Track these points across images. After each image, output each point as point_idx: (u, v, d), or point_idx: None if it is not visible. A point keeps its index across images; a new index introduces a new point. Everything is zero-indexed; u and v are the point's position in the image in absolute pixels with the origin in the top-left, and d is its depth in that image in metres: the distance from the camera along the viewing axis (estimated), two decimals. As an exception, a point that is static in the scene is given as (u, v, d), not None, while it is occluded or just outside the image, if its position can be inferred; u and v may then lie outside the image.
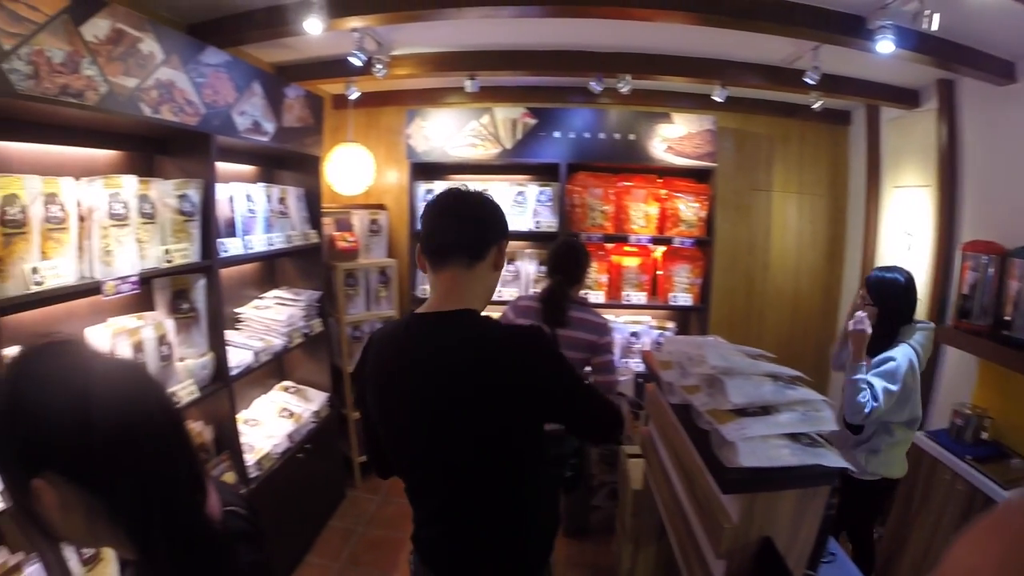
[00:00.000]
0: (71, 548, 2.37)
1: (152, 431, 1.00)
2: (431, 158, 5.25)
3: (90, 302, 2.90)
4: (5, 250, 2.20)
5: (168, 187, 3.00)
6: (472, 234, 1.78)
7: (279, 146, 3.92)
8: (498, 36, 4.18)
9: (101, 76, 2.49)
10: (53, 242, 2.40)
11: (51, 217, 2.39)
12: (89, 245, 2.59)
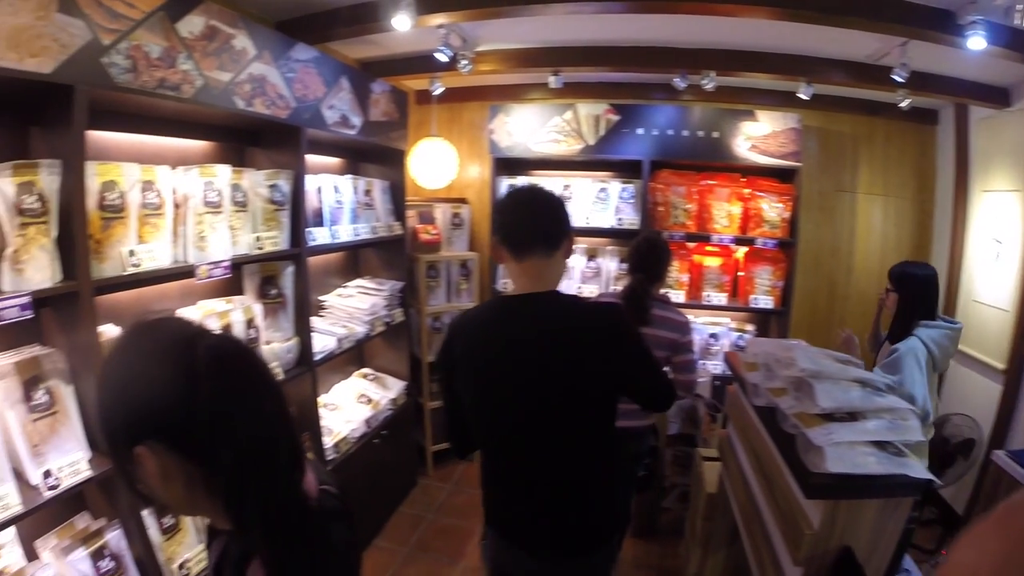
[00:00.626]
0: (156, 516, 2.52)
1: (254, 407, 1.03)
2: (514, 153, 5.28)
3: (181, 285, 3.04)
4: (104, 233, 2.34)
5: (260, 177, 3.13)
6: (549, 228, 2.00)
7: (365, 139, 4.03)
8: (582, 32, 4.18)
9: (197, 70, 2.61)
10: (149, 227, 2.54)
11: (148, 203, 2.52)
12: (184, 231, 2.73)
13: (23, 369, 2.13)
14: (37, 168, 2.07)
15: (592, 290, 5.11)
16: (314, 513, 1.10)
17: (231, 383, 1.01)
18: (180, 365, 0.99)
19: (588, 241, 5.41)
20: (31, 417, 2.12)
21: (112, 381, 1.05)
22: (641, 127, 5.00)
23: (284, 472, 1.05)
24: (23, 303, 1.96)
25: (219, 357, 1.02)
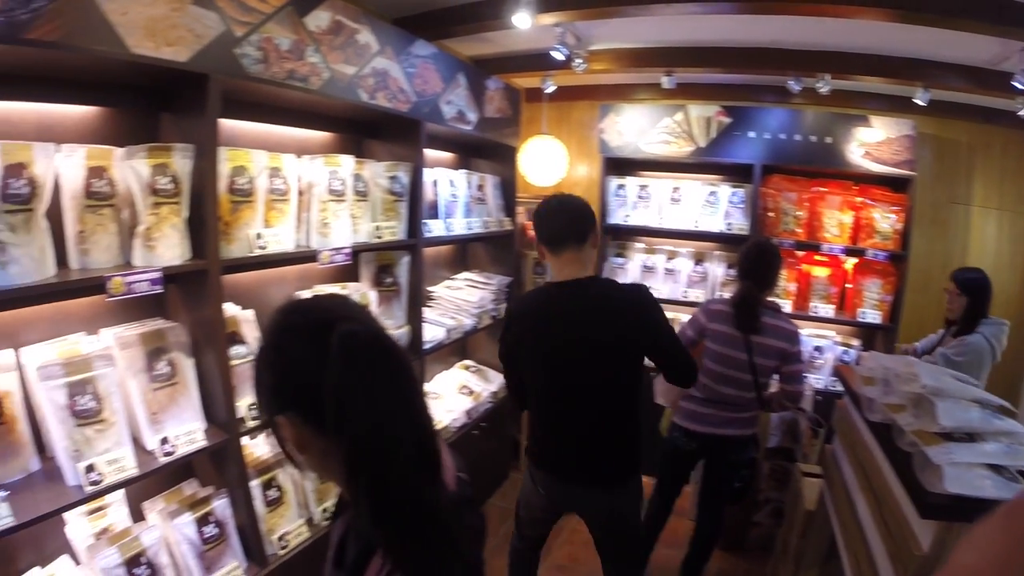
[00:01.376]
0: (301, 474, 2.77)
1: (375, 396, 1.04)
2: (624, 153, 5.24)
3: (300, 269, 3.18)
4: (232, 216, 2.47)
5: (380, 168, 3.24)
6: (577, 226, 2.50)
7: (481, 135, 4.11)
8: (695, 32, 4.14)
9: (324, 63, 2.71)
10: (275, 212, 2.67)
11: (275, 189, 2.66)
12: (307, 217, 2.86)
13: (147, 340, 2.27)
14: (171, 151, 2.20)
15: (698, 294, 5.04)
16: (446, 507, 1.10)
17: (357, 369, 1.03)
18: (316, 344, 1.04)
19: (696, 245, 5.34)
20: (152, 386, 2.26)
21: (264, 352, 1.14)
22: (753, 130, 4.89)
23: (404, 467, 1.04)
24: (154, 278, 2.09)
25: (351, 342, 1.05)
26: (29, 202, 1.87)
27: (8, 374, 2.04)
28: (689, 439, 3.37)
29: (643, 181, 5.34)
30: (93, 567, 2.15)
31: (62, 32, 1.79)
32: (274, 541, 2.63)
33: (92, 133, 2.30)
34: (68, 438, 2.01)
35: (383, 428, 1.03)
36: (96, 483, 2.00)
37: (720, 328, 3.21)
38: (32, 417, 2.12)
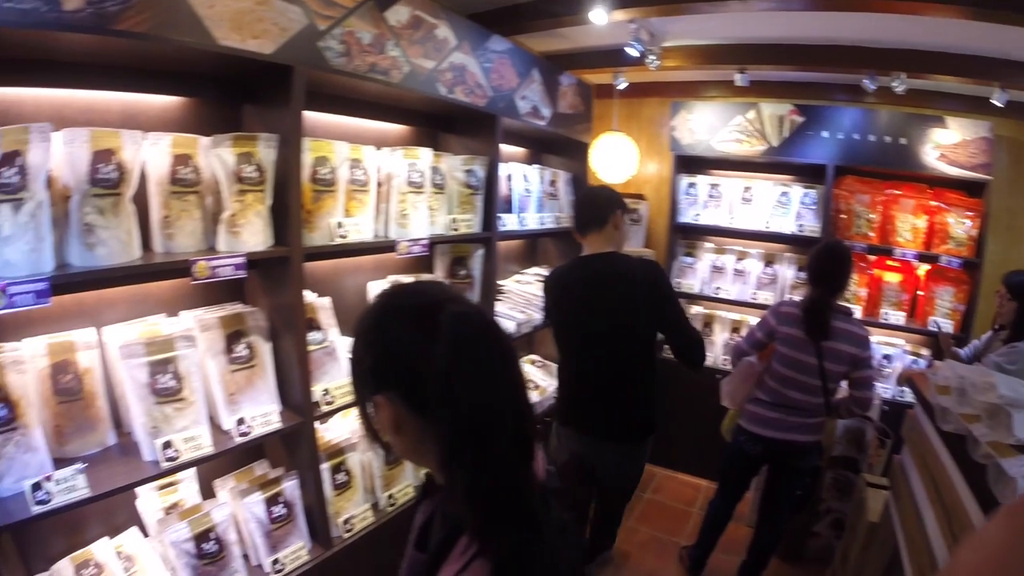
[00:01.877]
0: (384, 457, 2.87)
1: (481, 380, 1.04)
2: (695, 151, 5.15)
3: (375, 259, 3.24)
4: (314, 205, 2.54)
5: (457, 162, 3.28)
6: (599, 212, 2.93)
7: (554, 131, 4.11)
8: (769, 29, 4.04)
9: (404, 57, 2.76)
10: (356, 202, 2.73)
11: (355, 179, 2.71)
12: (386, 208, 2.91)
13: (227, 323, 2.35)
14: (256, 140, 2.27)
15: (767, 297, 4.94)
16: (537, 495, 1.10)
17: (464, 352, 1.04)
18: (423, 325, 1.05)
19: (765, 246, 5.22)
20: (230, 368, 2.33)
21: (365, 331, 1.16)
22: (826, 130, 4.74)
23: (504, 450, 1.04)
24: (237, 263, 2.16)
25: (460, 324, 1.06)
26: (117, 187, 1.95)
27: (90, 352, 2.13)
28: (754, 443, 3.34)
29: (714, 180, 5.25)
30: (162, 540, 2.23)
31: (150, 24, 1.86)
32: (339, 524, 2.68)
33: (175, 122, 2.38)
34: (147, 415, 2.08)
35: (489, 410, 1.03)
36: (172, 459, 2.07)
37: (790, 332, 3.17)
38: (111, 394, 2.21)
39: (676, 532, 4.40)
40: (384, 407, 1.10)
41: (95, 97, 2.17)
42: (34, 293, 1.71)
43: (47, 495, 1.80)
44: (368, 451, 2.88)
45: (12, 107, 1.99)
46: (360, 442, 2.86)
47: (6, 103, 1.98)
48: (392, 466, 2.98)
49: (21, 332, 2.07)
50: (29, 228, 1.76)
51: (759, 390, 3.33)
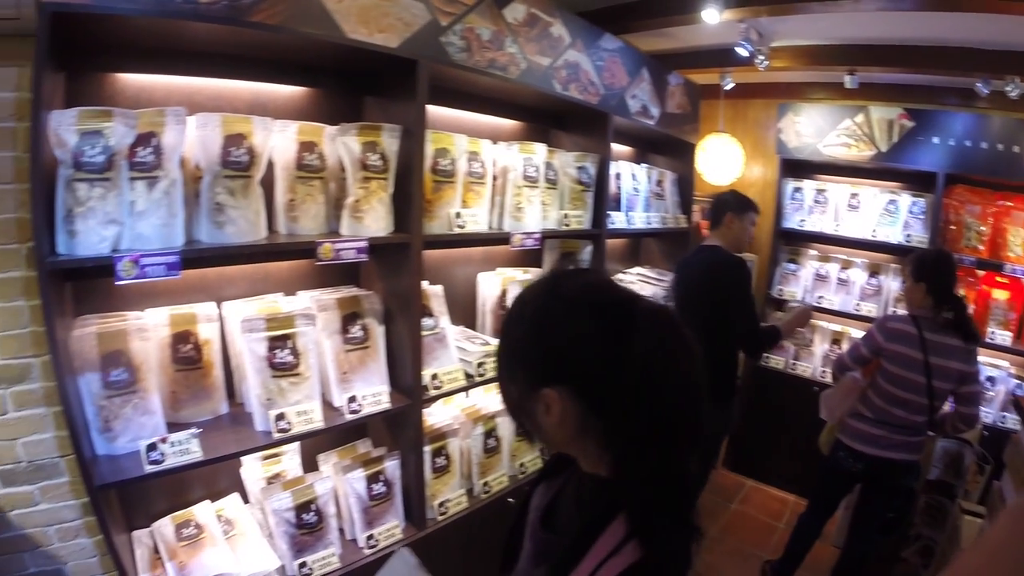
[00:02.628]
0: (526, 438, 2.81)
1: (681, 378, 1.02)
2: (802, 155, 5.05)
3: (485, 251, 3.32)
4: (434, 195, 2.62)
5: (569, 158, 3.31)
6: (715, 213, 3.60)
7: (662, 130, 4.10)
8: (878, 29, 3.93)
9: (521, 54, 2.81)
10: (473, 194, 2.80)
11: (473, 172, 2.79)
12: (500, 200, 2.97)
13: (344, 305, 2.45)
14: (380, 130, 2.36)
15: (870, 308, 4.79)
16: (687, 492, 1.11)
17: (666, 350, 1.01)
18: (617, 321, 1.02)
19: (870, 256, 5.03)
20: (345, 348, 2.43)
21: (538, 319, 1.09)
22: (936, 135, 4.52)
23: (683, 446, 1.04)
24: (360, 247, 2.26)
25: (658, 322, 1.04)
26: (247, 169, 2.06)
27: (210, 324, 2.27)
28: (854, 459, 3.27)
29: (820, 185, 5.12)
30: (265, 507, 2.34)
31: (283, 16, 1.97)
32: (435, 507, 2.75)
33: (299, 111, 2.50)
34: (263, 387, 2.19)
35: (682, 408, 1.03)
36: (284, 431, 2.17)
37: (899, 349, 3.09)
38: (226, 365, 2.35)
39: (761, 545, 4.34)
40: (552, 401, 1.04)
41: (224, 85, 2.31)
42: (165, 265, 1.83)
43: (161, 456, 1.93)
44: (468, 438, 2.95)
45: (144, 92, 2.14)
46: (461, 428, 2.93)
47: (140, 89, 2.13)
48: (489, 455, 3.03)
49: (145, 302, 2.22)
50: (162, 205, 1.89)
51: (862, 405, 3.26)
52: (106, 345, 1.99)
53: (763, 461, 5.17)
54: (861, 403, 3.27)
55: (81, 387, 1.94)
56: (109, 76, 2.09)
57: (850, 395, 3.30)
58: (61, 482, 2.32)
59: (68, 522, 2.37)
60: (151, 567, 2.20)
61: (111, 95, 2.09)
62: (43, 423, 2.25)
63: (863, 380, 3.27)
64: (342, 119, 2.41)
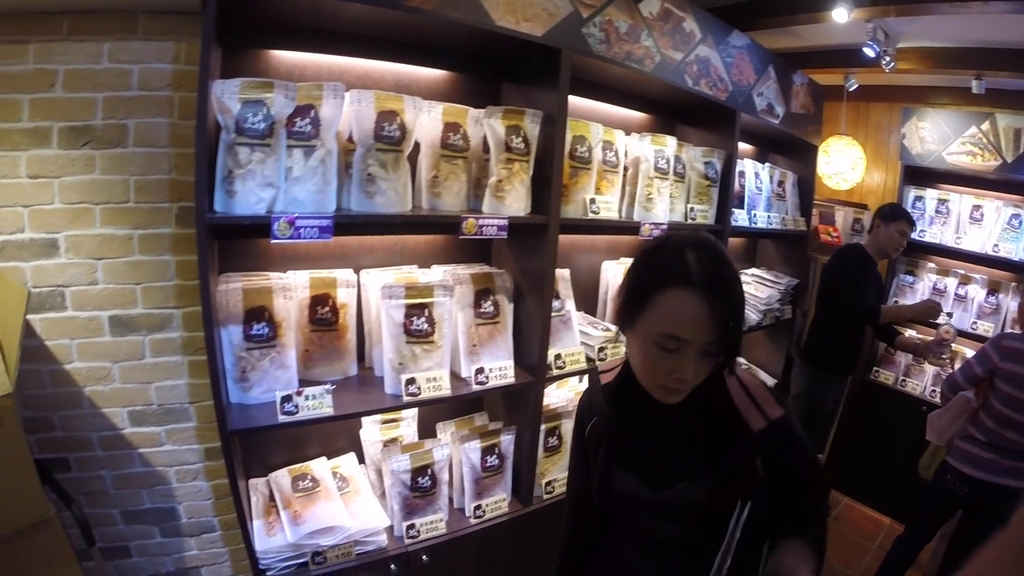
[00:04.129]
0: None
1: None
2: (924, 162, 4.88)
3: (609, 240, 3.39)
4: (571, 180, 2.69)
5: (697, 152, 3.33)
6: (872, 220, 4.05)
7: (786, 130, 4.06)
8: (1008, 32, 3.76)
9: (656, 47, 2.86)
10: (606, 182, 2.87)
11: (607, 160, 2.86)
12: (631, 191, 3.03)
13: (478, 280, 2.55)
14: (523, 115, 2.45)
15: (987, 327, 4.61)
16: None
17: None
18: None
19: (990, 272, 4.80)
20: (476, 321, 2.53)
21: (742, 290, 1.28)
22: None
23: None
24: (501, 224, 2.36)
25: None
26: (399, 144, 2.17)
27: (349, 289, 2.40)
28: (962, 483, 3.15)
29: (943, 195, 4.94)
30: (382, 468, 2.47)
31: (436, 2, 2.08)
32: (542, 485, 2.83)
33: (440, 94, 2.60)
34: (397, 352, 2.30)
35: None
36: (413, 395, 2.28)
37: (1014, 368, 2.98)
38: (359, 330, 2.49)
39: (851, 565, 4.25)
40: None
41: (371, 65, 2.44)
42: (318, 228, 1.96)
43: (295, 407, 2.06)
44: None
45: (296, 69, 2.29)
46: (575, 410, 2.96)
47: (292, 65, 2.29)
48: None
49: (286, 265, 2.37)
50: (317, 172, 2.02)
51: (972, 427, 3.15)
52: (251, 300, 2.14)
53: (862, 479, 5.05)
54: (972, 425, 3.15)
55: (223, 338, 2.09)
56: (263, 52, 2.24)
57: (960, 416, 3.19)
58: (187, 427, 2.52)
59: (189, 464, 2.57)
60: (265, 514, 2.36)
61: (265, 70, 2.24)
62: (178, 370, 2.45)
63: (975, 400, 3.17)
64: (480, 103, 2.50)
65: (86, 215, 2.23)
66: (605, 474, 1.45)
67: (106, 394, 2.38)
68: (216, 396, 1.95)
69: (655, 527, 1.37)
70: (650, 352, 1.25)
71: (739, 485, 1.31)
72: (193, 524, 2.66)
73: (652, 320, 1.23)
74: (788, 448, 1.35)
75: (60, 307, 2.26)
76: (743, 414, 1.33)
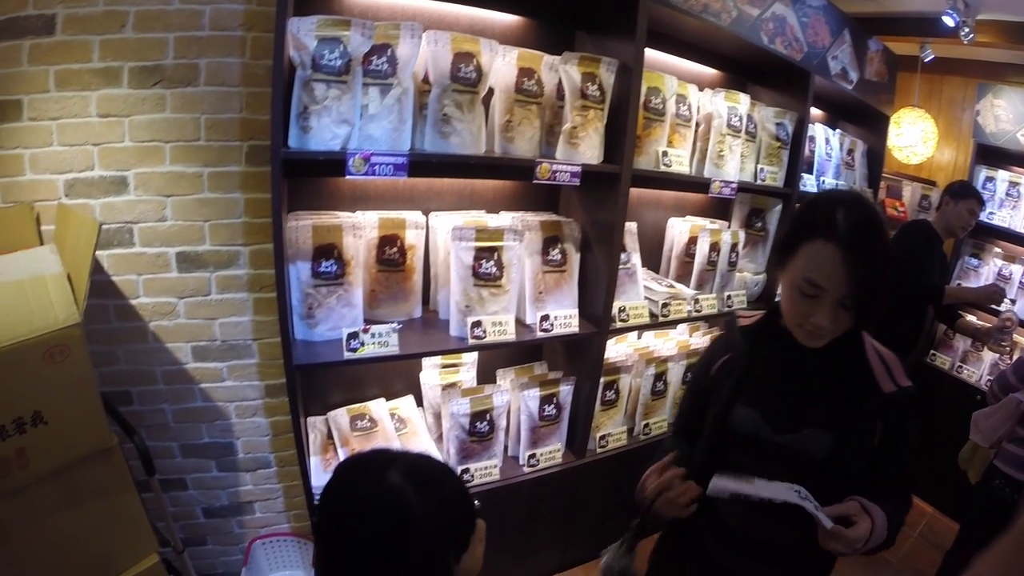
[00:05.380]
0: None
1: None
2: (998, 142, 4.60)
3: (676, 197, 3.35)
4: (644, 131, 2.66)
5: (769, 113, 3.27)
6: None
7: (859, 97, 3.95)
8: None
9: (732, 2, 2.80)
10: (678, 136, 2.83)
11: (680, 114, 2.82)
12: (702, 147, 2.98)
13: (546, 228, 2.54)
14: (599, 63, 2.41)
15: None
16: None
17: None
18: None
19: None
20: (543, 268, 2.53)
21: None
22: None
23: None
24: (574, 171, 2.34)
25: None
26: (475, 86, 2.16)
27: (417, 231, 2.41)
28: (1012, 489, 2.91)
29: (1015, 177, 4.70)
30: (442, 411, 2.51)
31: None
32: (596, 438, 2.84)
33: (514, 39, 2.57)
34: (464, 295, 2.32)
35: None
36: (479, 338, 2.30)
37: None
38: (426, 272, 2.51)
39: (891, 550, 3.90)
40: None
41: (445, 8, 2.43)
42: (393, 165, 1.97)
43: (360, 344, 2.09)
44: (639, 377, 3.00)
45: (370, 10, 2.29)
46: (634, 366, 2.99)
47: (366, 7, 2.29)
48: (656, 398, 3.08)
49: (355, 206, 2.39)
50: (393, 111, 2.02)
51: (1023, 429, 2.92)
52: (320, 237, 2.16)
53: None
54: (1022, 426, 2.91)
55: (291, 274, 2.11)
56: (338, -9, 2.23)
57: (1010, 418, 2.95)
58: (249, 363, 2.53)
59: (249, 400, 2.59)
60: (323, 451, 2.42)
61: (339, 10, 2.24)
62: (242, 307, 2.46)
63: None
64: (553, 50, 2.47)
65: (156, 153, 2.24)
66: (727, 407, 1.49)
67: (170, 329, 2.41)
68: (283, 332, 1.99)
69: (762, 472, 1.37)
70: (793, 296, 1.34)
71: (860, 443, 1.36)
72: (249, 459, 2.69)
73: (797, 266, 1.32)
74: (906, 421, 1.39)
75: (128, 243, 2.28)
76: (876, 375, 1.38)
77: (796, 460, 1.39)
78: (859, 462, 1.37)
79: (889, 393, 1.37)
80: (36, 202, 2.13)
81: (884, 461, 1.39)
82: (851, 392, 1.39)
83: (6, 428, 1.50)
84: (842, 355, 1.40)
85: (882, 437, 1.38)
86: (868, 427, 1.38)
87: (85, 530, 1.79)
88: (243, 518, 2.78)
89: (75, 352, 1.58)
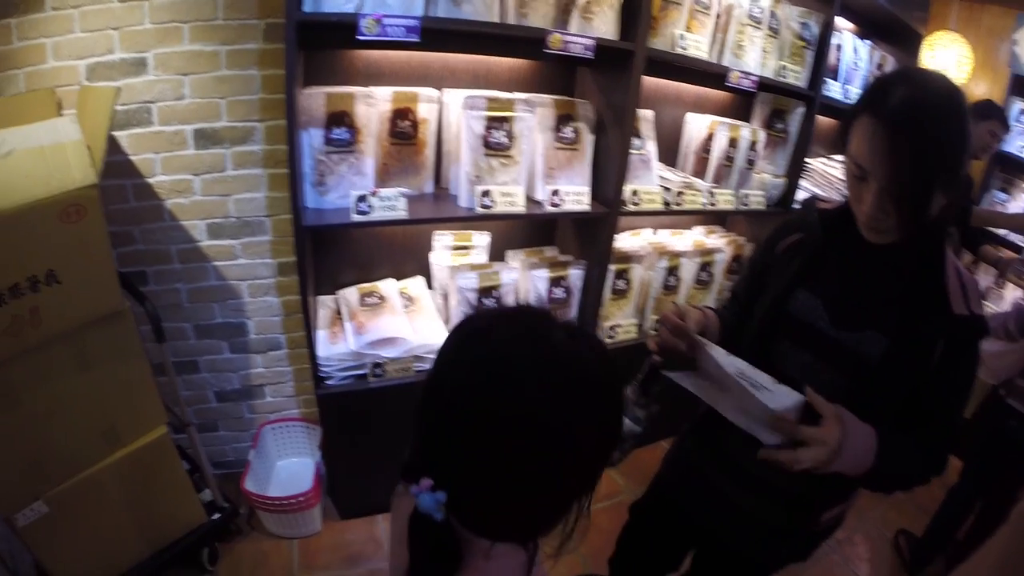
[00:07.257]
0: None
1: None
2: None
3: (696, 92, 3.25)
4: (661, 13, 2.59)
5: (794, 11, 3.14)
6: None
7: (891, 9, 3.78)
8: None
9: None
10: (697, 22, 2.74)
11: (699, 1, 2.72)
12: (722, 38, 2.89)
13: (559, 106, 2.53)
14: (617, -65, 2.36)
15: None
16: None
17: None
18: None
19: None
20: (555, 145, 2.53)
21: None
22: None
23: None
24: (587, 44, 2.30)
25: None
26: (490, -46, 2.13)
27: (430, 105, 2.41)
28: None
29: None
30: (450, 285, 2.54)
31: None
32: (605, 328, 2.86)
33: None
34: (474, 164, 2.34)
35: None
36: (487, 208, 2.32)
37: None
38: (438, 149, 2.52)
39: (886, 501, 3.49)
40: None
41: None
42: (405, 28, 1.96)
43: (368, 207, 2.12)
44: (651, 269, 2.99)
45: None
46: (646, 258, 2.98)
47: None
48: (668, 292, 3.07)
49: (370, 82, 2.37)
50: (407, -23, 1.99)
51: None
52: (333, 105, 2.17)
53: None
54: None
55: (303, 141, 2.14)
56: None
57: None
58: (263, 240, 2.57)
59: (261, 279, 2.63)
60: (330, 324, 2.47)
61: None
62: (257, 183, 2.48)
63: None
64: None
65: (175, 33, 2.24)
66: (789, 288, 1.42)
67: (186, 207, 2.44)
68: (293, 196, 2.04)
69: (811, 368, 1.34)
70: (849, 180, 1.25)
71: (916, 358, 1.25)
72: (261, 340, 2.74)
73: (850, 145, 1.22)
74: (968, 351, 1.27)
75: (146, 123, 2.30)
76: (950, 294, 1.23)
77: (846, 359, 1.32)
78: (910, 378, 1.25)
79: (959, 315, 1.22)
80: (58, 87, 2.14)
81: (929, 388, 1.26)
82: (920, 303, 1.26)
83: (20, 286, 1.53)
84: (919, 262, 1.27)
85: (939, 363, 1.24)
86: (928, 344, 1.24)
87: (94, 397, 1.85)
88: (254, 402, 2.86)
89: (91, 213, 1.61)
